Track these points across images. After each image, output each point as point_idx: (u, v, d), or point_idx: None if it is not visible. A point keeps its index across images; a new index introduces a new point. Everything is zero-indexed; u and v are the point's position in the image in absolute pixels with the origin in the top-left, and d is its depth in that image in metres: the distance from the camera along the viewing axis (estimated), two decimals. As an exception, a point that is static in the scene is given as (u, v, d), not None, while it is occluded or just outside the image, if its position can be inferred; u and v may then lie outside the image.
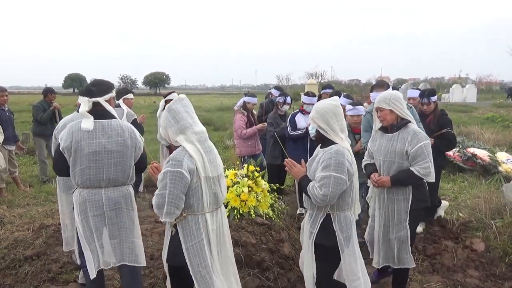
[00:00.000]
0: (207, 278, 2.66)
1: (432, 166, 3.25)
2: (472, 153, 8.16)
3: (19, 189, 7.10)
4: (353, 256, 2.96)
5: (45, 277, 3.95)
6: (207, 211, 2.69)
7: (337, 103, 2.92)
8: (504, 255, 4.32)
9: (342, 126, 2.91)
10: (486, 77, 59.27)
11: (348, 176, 2.82)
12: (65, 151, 3.10)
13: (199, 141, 2.69)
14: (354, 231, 2.98)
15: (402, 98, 3.37)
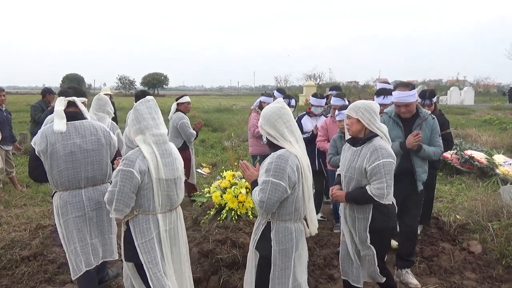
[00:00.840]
0: (159, 275, 2.74)
1: (388, 187, 2.96)
2: (470, 155, 8.18)
3: (16, 189, 7.08)
4: (285, 272, 2.68)
5: (42, 278, 3.95)
6: (159, 211, 2.77)
7: (282, 105, 2.71)
8: (501, 257, 4.33)
9: (291, 128, 2.68)
10: (483, 80, 59.37)
11: (290, 183, 2.57)
12: (40, 154, 3.15)
13: (156, 143, 2.75)
14: (296, 245, 2.70)
15: (375, 110, 3.08)
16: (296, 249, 2.71)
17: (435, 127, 3.89)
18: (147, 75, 70.09)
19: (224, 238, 3.85)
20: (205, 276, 3.59)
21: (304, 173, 2.65)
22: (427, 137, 3.83)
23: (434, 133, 3.89)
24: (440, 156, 3.89)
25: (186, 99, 6.38)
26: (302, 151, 2.70)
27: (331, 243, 4.83)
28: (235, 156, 9.91)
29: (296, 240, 2.70)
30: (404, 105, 3.76)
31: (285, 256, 2.67)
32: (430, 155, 3.82)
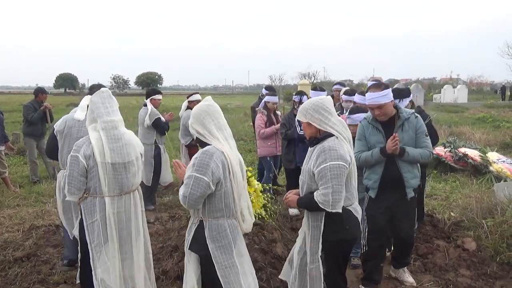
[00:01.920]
0: (101, 257, 2.92)
1: (334, 193, 2.67)
2: (464, 153, 8.22)
3: (9, 189, 7.02)
4: (231, 269, 2.61)
5: (35, 279, 3.91)
6: (107, 194, 2.92)
7: (210, 103, 2.68)
8: (495, 254, 4.34)
9: (219, 125, 2.64)
10: (477, 78, 59.79)
11: (214, 179, 2.50)
12: (57, 134, 3.78)
13: (105, 129, 2.93)
14: (234, 241, 2.64)
15: (327, 106, 2.83)
16: (235, 245, 2.66)
17: (419, 127, 3.57)
18: (141, 75, 69.87)
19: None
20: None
21: (232, 169, 2.59)
22: (411, 139, 3.55)
23: (419, 133, 3.57)
24: (429, 158, 3.59)
25: (197, 97, 6.49)
26: (232, 148, 2.66)
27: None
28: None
29: (232, 237, 2.65)
30: (377, 107, 3.47)
31: (225, 253, 2.62)
32: (416, 158, 3.52)
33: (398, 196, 3.59)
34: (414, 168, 3.60)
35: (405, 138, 3.50)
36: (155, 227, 4.98)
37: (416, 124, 3.55)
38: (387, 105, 3.47)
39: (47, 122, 7.58)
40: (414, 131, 3.54)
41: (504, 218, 4.65)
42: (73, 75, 69.00)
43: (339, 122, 2.83)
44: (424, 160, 3.57)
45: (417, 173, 3.65)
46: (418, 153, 3.52)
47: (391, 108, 3.53)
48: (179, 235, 4.15)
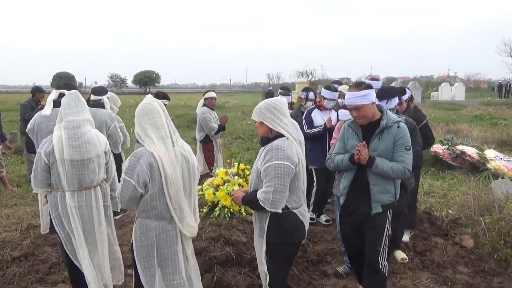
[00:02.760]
0: (70, 249, 3.19)
1: (275, 192, 2.62)
2: (461, 150, 8.24)
3: (6, 189, 7.00)
4: (149, 270, 2.64)
5: (33, 278, 3.91)
6: (67, 189, 3.15)
7: (148, 101, 2.65)
8: (493, 251, 4.36)
9: (156, 124, 2.60)
10: (474, 76, 59.99)
11: (140, 181, 2.50)
12: (29, 132, 4.31)
13: (67, 128, 3.12)
14: (156, 244, 2.63)
15: (280, 107, 2.79)
16: (158, 248, 2.64)
17: (399, 138, 3.13)
18: (138, 73, 69.70)
19: (217, 235, 3.84)
20: (199, 274, 3.57)
21: (164, 171, 2.53)
22: (387, 149, 3.14)
23: (398, 146, 3.14)
24: (403, 174, 3.13)
25: (211, 94, 6.65)
26: (167, 147, 2.59)
27: (324, 239, 4.84)
28: (227, 153, 9.90)
29: (157, 239, 2.63)
30: (354, 108, 3.17)
31: (145, 254, 2.63)
32: (386, 172, 3.10)
33: (364, 210, 3.24)
34: (387, 183, 3.19)
35: (381, 147, 3.15)
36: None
37: (396, 135, 3.14)
38: (366, 107, 3.13)
39: (44, 121, 7.55)
40: (392, 142, 3.14)
41: (502, 215, 4.68)
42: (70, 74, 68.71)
43: (291, 123, 2.81)
44: (397, 176, 3.14)
45: (391, 189, 3.22)
46: (389, 166, 3.10)
47: (372, 111, 3.17)
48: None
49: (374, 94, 3.18)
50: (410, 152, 3.14)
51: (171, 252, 2.68)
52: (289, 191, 2.72)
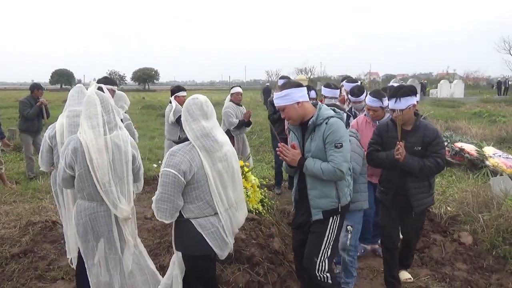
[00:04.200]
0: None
1: (160, 201, 2.54)
2: (460, 147, 8.25)
3: (5, 186, 6.99)
4: (87, 244, 2.88)
5: (32, 275, 3.91)
6: None
7: (88, 94, 2.84)
8: (491, 248, 4.37)
9: (89, 114, 2.79)
10: (473, 73, 59.88)
11: (66, 164, 2.81)
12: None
13: (68, 116, 3.52)
14: (89, 223, 2.84)
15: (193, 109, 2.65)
16: (92, 226, 2.87)
17: (328, 135, 2.82)
18: (137, 70, 69.59)
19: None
20: (198, 271, 3.58)
21: (89, 156, 2.76)
22: (319, 149, 2.87)
23: (327, 144, 2.83)
24: (335, 175, 2.79)
25: (236, 90, 6.78)
26: (94, 135, 2.78)
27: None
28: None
29: (89, 219, 2.86)
30: (281, 109, 2.98)
31: (82, 230, 2.89)
32: (316, 173, 2.84)
33: (308, 217, 3.02)
34: (324, 186, 2.89)
35: (313, 148, 2.89)
36: (152, 223, 4.98)
37: (324, 132, 2.85)
38: (288, 108, 2.91)
39: (43, 118, 7.55)
40: (323, 140, 2.86)
41: (500, 212, 4.68)
42: (69, 71, 68.68)
43: (200, 129, 2.60)
44: (328, 177, 2.82)
45: (331, 192, 2.90)
46: (318, 167, 2.82)
47: (297, 112, 2.92)
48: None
49: (300, 94, 2.90)
50: (341, 149, 2.79)
51: (106, 231, 2.90)
52: (187, 200, 2.61)
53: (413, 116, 3.44)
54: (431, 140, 3.38)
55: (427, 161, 3.35)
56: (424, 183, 3.49)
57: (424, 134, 3.40)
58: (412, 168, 3.36)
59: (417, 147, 3.40)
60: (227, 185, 2.69)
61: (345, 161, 2.80)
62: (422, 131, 3.42)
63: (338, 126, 2.85)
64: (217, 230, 2.65)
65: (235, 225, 2.81)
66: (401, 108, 3.35)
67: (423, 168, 3.34)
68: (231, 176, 2.72)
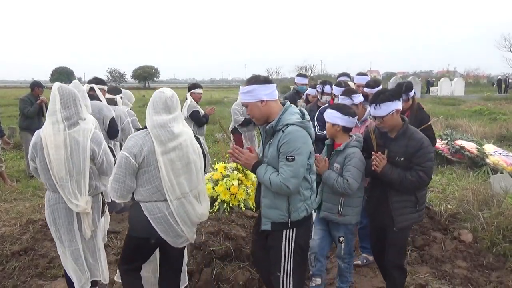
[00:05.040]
0: None
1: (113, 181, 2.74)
2: (460, 145, 8.24)
3: (5, 184, 7.00)
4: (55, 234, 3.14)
5: (33, 273, 3.92)
6: None
7: (52, 89, 3.03)
8: (491, 245, 4.37)
9: (52, 110, 3.00)
10: (473, 71, 59.96)
11: (31, 155, 3.04)
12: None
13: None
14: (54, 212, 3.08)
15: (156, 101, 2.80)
16: (54, 217, 3.07)
17: (282, 144, 2.58)
18: (137, 68, 69.56)
19: (217, 230, 3.84)
20: (198, 268, 3.58)
21: (46, 151, 2.94)
22: (272, 157, 2.65)
23: (280, 154, 2.59)
24: (280, 189, 2.58)
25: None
26: (53, 131, 2.96)
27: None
28: (226, 148, 9.90)
29: (52, 209, 3.07)
30: (245, 105, 2.78)
31: (50, 219, 3.10)
32: (265, 183, 2.66)
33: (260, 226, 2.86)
34: (276, 197, 2.68)
35: (269, 154, 2.69)
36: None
37: (279, 140, 2.60)
38: (251, 106, 2.69)
39: (43, 116, 7.54)
40: (277, 149, 2.62)
41: (500, 210, 4.69)
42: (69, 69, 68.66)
43: (158, 121, 2.75)
44: (275, 190, 2.62)
45: (282, 205, 2.68)
46: (267, 177, 2.62)
47: (260, 111, 2.70)
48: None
49: (266, 91, 2.66)
50: (292, 163, 2.55)
51: (65, 222, 3.07)
52: (139, 183, 2.77)
53: (397, 123, 3.11)
54: (414, 150, 3.03)
55: (409, 175, 3.02)
56: (410, 197, 3.14)
57: (408, 144, 3.06)
58: (391, 180, 3.07)
59: (399, 158, 3.07)
60: (180, 174, 2.79)
61: (294, 177, 2.56)
62: (406, 140, 3.07)
63: (295, 137, 2.57)
64: (164, 216, 2.77)
65: (194, 216, 2.90)
66: (381, 115, 3.05)
67: (404, 181, 3.03)
68: (185, 166, 2.82)
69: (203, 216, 3.02)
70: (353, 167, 3.18)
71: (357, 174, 3.19)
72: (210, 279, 3.52)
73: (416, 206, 3.16)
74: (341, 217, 3.28)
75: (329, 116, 3.32)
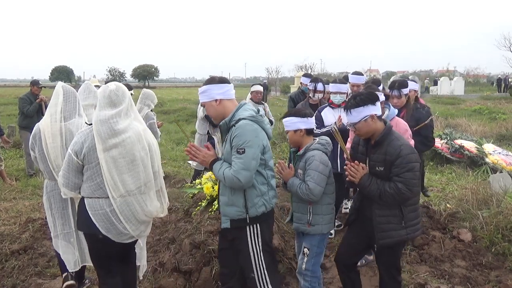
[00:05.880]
0: None
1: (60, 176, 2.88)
2: (460, 144, 8.24)
3: (5, 183, 7.00)
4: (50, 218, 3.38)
5: (32, 271, 3.92)
6: None
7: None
8: (490, 245, 4.37)
9: (51, 104, 3.30)
10: (473, 70, 59.83)
11: (30, 146, 3.32)
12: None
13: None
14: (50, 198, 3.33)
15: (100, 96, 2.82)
16: (50, 202, 3.33)
17: (234, 138, 2.63)
18: (137, 67, 69.44)
19: (216, 229, 3.84)
20: (197, 267, 3.59)
21: (44, 140, 3.20)
22: (227, 152, 2.72)
23: (233, 148, 2.64)
24: (233, 183, 2.62)
25: (255, 88, 6.70)
26: (51, 123, 3.21)
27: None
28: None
29: (49, 195, 3.33)
30: (203, 106, 2.90)
31: (46, 204, 3.38)
32: (219, 178, 2.71)
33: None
34: (232, 193, 2.71)
35: (225, 150, 2.77)
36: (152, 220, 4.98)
37: (231, 135, 2.66)
38: (207, 105, 2.78)
39: (42, 114, 7.53)
40: (231, 144, 2.67)
41: (500, 209, 4.69)
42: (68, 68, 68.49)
43: (100, 116, 2.75)
44: (229, 185, 2.66)
45: (239, 201, 2.70)
46: (221, 173, 2.67)
47: (216, 110, 2.77)
48: (176, 227, 4.16)
49: (219, 91, 2.73)
50: (243, 156, 2.58)
51: (60, 207, 3.30)
52: (84, 179, 2.79)
53: (374, 129, 2.84)
54: (392, 159, 2.74)
55: (387, 186, 2.75)
56: (394, 212, 2.82)
57: (386, 152, 2.78)
58: (370, 193, 2.82)
59: (379, 167, 2.82)
60: (123, 171, 2.74)
61: (244, 169, 2.58)
62: (385, 147, 2.80)
63: (245, 130, 2.61)
64: (105, 213, 2.75)
65: (141, 214, 2.85)
66: (352, 122, 2.85)
67: (383, 194, 2.75)
68: (130, 163, 2.75)
69: (153, 213, 2.95)
70: (313, 170, 2.97)
71: (318, 178, 2.96)
72: (209, 278, 3.52)
73: (401, 222, 2.82)
74: (311, 227, 3.07)
75: (288, 124, 3.11)
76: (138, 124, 2.88)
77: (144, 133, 2.87)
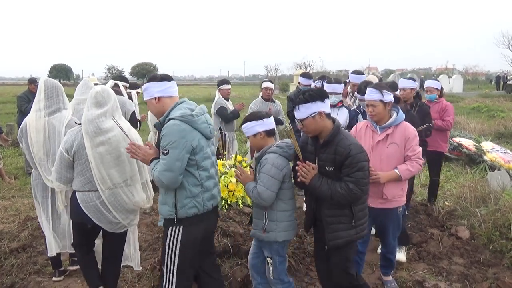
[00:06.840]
0: None
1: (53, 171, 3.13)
2: (458, 142, 8.27)
3: (3, 181, 6.98)
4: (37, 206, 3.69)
5: (31, 269, 3.92)
6: None
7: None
8: (488, 242, 4.39)
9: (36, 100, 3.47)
10: (472, 68, 60.00)
11: (19, 139, 3.51)
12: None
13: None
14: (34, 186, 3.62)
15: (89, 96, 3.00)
16: (36, 190, 3.61)
17: (161, 138, 2.61)
18: (136, 65, 69.39)
19: (215, 227, 3.85)
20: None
21: (29, 134, 3.41)
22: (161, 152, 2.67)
23: (161, 148, 2.63)
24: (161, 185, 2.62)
25: (265, 85, 6.62)
26: (36, 117, 3.41)
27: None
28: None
29: (33, 185, 3.61)
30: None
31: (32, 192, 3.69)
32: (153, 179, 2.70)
33: None
34: (167, 192, 2.70)
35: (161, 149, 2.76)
36: (151, 218, 4.99)
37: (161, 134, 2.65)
38: (148, 103, 2.81)
39: (41, 113, 7.54)
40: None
41: (497, 207, 4.71)
42: (67, 66, 68.39)
43: (88, 116, 2.97)
44: (158, 185, 2.66)
45: (170, 200, 2.68)
46: (153, 172, 2.62)
47: (155, 108, 2.79)
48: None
49: (158, 89, 2.72)
50: (166, 157, 2.56)
51: (43, 197, 3.58)
52: (75, 174, 3.01)
53: (321, 127, 2.78)
54: (342, 159, 2.69)
55: (338, 187, 2.70)
56: (344, 211, 2.78)
57: (336, 151, 2.72)
58: (321, 194, 2.76)
59: (328, 167, 2.76)
60: (110, 166, 2.97)
61: (167, 170, 2.54)
62: (334, 147, 2.74)
63: (170, 131, 2.57)
64: (95, 204, 3.00)
65: (129, 204, 3.09)
66: (299, 118, 2.80)
67: (334, 195, 2.70)
68: (117, 159, 2.99)
69: (140, 203, 3.17)
70: (264, 174, 2.85)
71: (268, 182, 2.83)
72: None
73: (351, 221, 2.78)
74: (266, 234, 2.95)
75: (247, 130, 3.01)
76: (123, 123, 3.12)
77: (129, 132, 3.11)
